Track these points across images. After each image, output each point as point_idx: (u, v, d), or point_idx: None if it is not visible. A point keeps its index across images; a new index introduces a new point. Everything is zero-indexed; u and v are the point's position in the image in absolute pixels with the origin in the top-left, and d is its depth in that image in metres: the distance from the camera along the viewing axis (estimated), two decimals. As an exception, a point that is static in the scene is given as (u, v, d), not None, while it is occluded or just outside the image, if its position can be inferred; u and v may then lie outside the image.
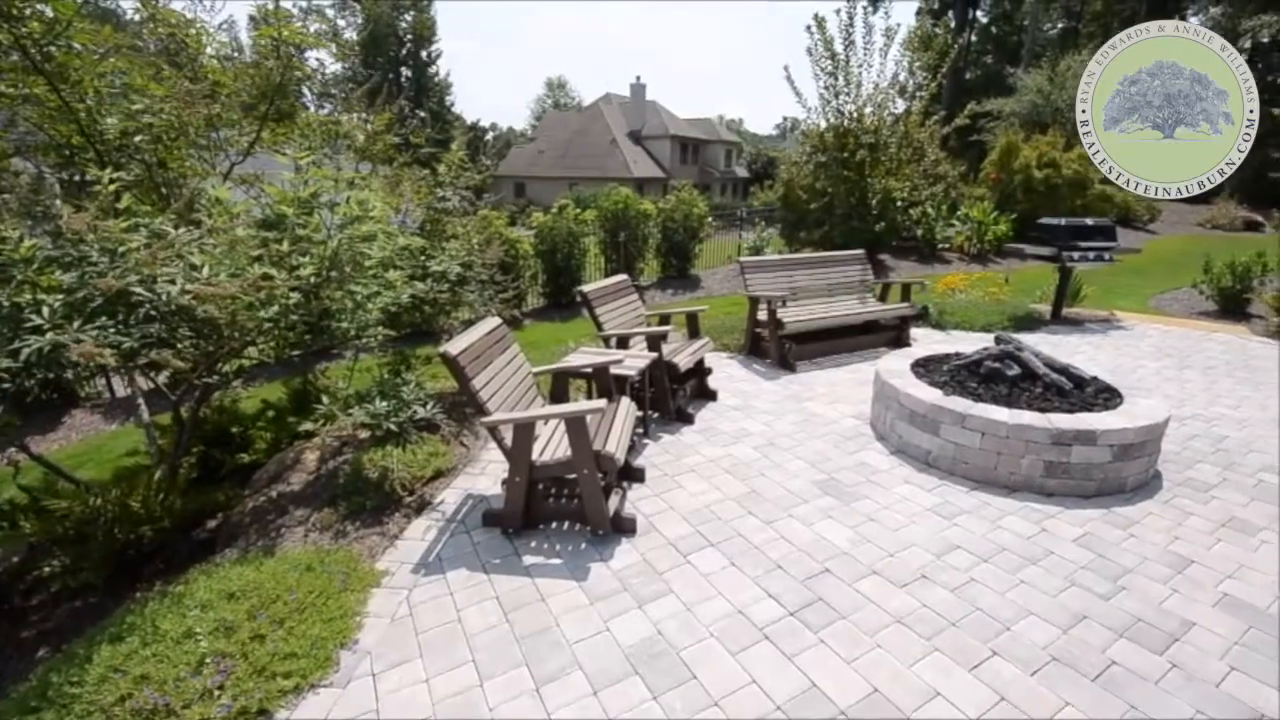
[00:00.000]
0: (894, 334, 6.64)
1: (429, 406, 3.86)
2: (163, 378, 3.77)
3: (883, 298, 6.91)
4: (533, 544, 3.22)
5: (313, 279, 3.36)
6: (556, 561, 3.08)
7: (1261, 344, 6.98)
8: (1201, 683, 2.32)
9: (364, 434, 4.09)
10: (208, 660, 2.29)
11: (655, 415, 4.74)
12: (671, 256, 11.03)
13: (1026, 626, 2.61)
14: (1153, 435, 3.69)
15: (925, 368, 4.64)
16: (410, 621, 2.70)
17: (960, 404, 3.88)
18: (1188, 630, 2.59)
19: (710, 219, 11.57)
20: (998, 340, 4.65)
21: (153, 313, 2.89)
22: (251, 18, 5.70)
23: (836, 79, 10.77)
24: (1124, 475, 3.66)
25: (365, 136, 4.93)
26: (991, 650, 2.48)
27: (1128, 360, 6.34)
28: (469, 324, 4.21)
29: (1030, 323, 7.59)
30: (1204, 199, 24.81)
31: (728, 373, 5.95)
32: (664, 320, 5.15)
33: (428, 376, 4.89)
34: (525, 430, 3.01)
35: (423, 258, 4.47)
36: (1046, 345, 6.28)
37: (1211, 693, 2.28)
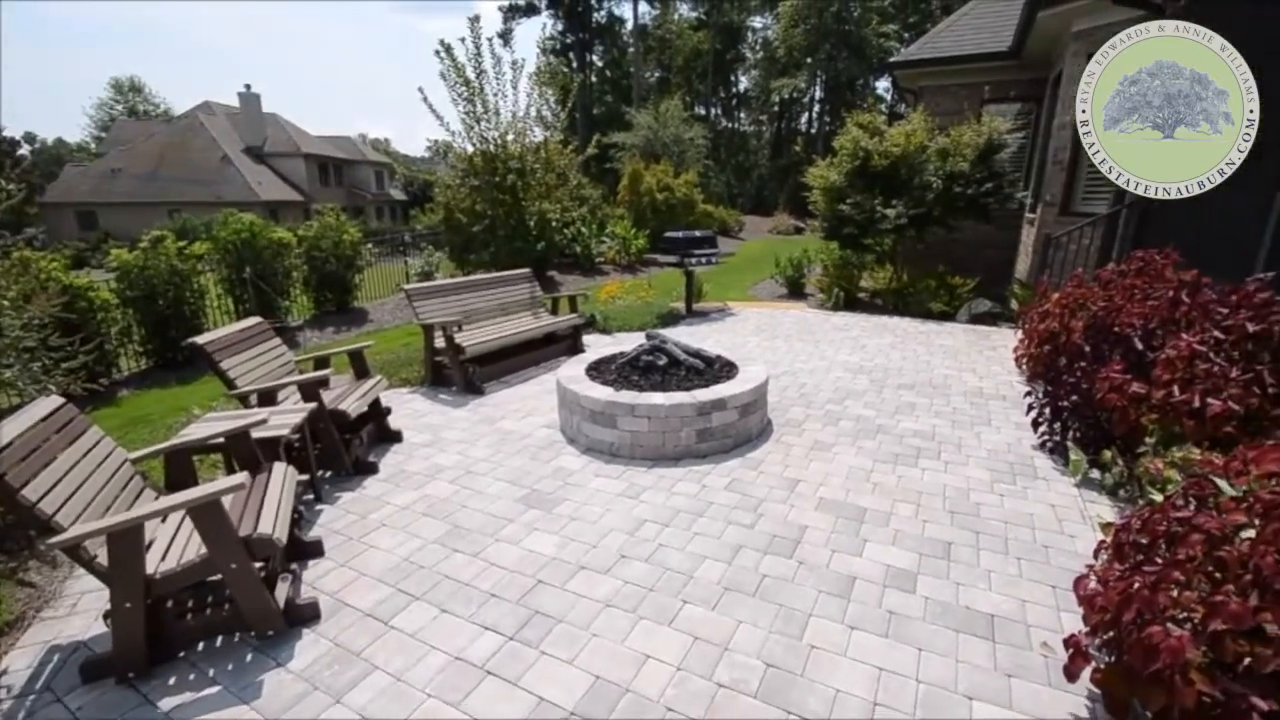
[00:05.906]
0: (570, 342, 7.14)
1: (-55, 544, 2.59)
2: None
3: (555, 310, 7.37)
4: (172, 680, 2.44)
5: None
6: (212, 690, 2.39)
7: (815, 314, 9.70)
8: (818, 569, 3.07)
9: None
10: None
11: (327, 474, 4.12)
12: (326, 290, 9.80)
13: (704, 570, 3.07)
14: (761, 393, 4.76)
15: (598, 369, 5.10)
16: None
17: (629, 396, 4.38)
18: (804, 532, 3.41)
19: (369, 245, 10.66)
20: (648, 337, 5.40)
21: None
22: None
23: (475, 105, 11.11)
24: (749, 428, 4.64)
25: None
26: (682, 600, 2.85)
27: (739, 338, 8.09)
28: (11, 412, 2.97)
29: (672, 319, 9.05)
30: (768, 212, 33.64)
31: (412, 408, 5.55)
32: (321, 364, 4.50)
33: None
34: (127, 538, 2.24)
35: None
36: (685, 335, 7.59)
37: (824, 574, 3.03)
